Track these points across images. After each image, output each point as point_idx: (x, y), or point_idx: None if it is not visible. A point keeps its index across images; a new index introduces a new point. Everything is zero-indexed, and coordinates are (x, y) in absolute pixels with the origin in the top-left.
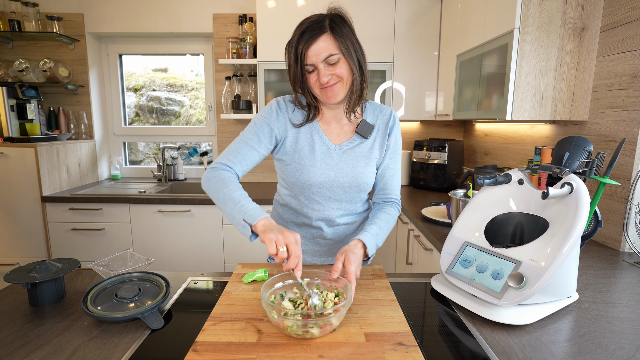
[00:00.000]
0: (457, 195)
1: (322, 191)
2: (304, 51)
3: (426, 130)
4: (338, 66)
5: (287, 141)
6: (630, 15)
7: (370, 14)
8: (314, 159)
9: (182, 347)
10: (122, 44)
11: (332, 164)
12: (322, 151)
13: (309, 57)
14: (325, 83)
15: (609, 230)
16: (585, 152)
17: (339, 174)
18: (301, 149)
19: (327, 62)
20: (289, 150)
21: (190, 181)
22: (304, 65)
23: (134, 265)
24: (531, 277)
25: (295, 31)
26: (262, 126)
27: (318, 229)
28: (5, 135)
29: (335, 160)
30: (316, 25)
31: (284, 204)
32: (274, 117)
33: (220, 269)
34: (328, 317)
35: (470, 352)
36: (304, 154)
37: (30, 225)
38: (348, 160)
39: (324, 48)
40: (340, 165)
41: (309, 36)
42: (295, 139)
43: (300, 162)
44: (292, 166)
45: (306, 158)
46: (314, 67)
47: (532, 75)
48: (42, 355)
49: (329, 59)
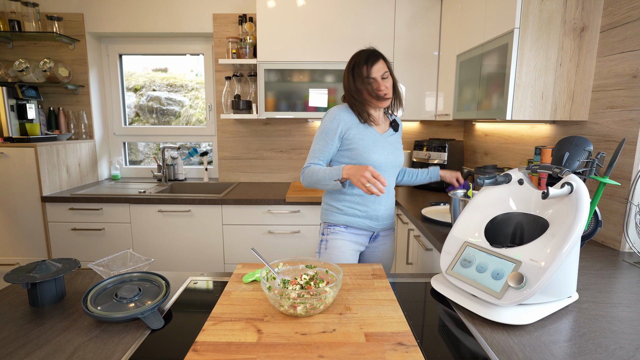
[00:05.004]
0: (457, 195)
1: (381, 166)
2: (370, 69)
3: (426, 130)
4: (388, 81)
5: (350, 136)
6: (630, 15)
7: (370, 14)
8: (374, 143)
9: (182, 347)
10: (122, 44)
11: (383, 146)
12: (377, 138)
13: (373, 73)
14: (383, 90)
15: (609, 230)
16: (585, 152)
17: (389, 154)
18: (363, 138)
19: (382, 77)
20: (353, 140)
21: (190, 181)
22: (368, 78)
23: (134, 265)
24: (531, 277)
25: (360, 56)
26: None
27: (379, 197)
28: (5, 135)
29: (384, 144)
30: (374, 53)
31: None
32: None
33: (220, 269)
34: (309, 294)
35: (470, 352)
36: (366, 141)
37: (30, 225)
38: (391, 145)
39: (382, 68)
40: (387, 147)
41: (373, 60)
42: (357, 131)
43: (366, 146)
44: (360, 150)
45: (369, 143)
46: (375, 80)
47: (532, 75)
48: (42, 355)
49: (384, 74)
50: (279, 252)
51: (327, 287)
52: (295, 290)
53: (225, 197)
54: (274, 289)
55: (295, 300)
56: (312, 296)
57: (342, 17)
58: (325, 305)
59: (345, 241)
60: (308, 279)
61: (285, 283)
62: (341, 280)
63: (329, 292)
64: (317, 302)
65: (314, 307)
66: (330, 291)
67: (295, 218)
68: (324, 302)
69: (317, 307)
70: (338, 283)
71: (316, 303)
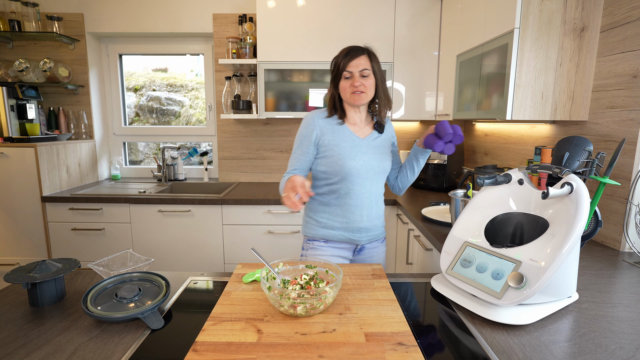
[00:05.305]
0: (457, 195)
1: (360, 173)
2: (347, 62)
3: (426, 130)
4: (367, 79)
5: (325, 142)
6: (630, 15)
7: (370, 14)
8: (350, 149)
9: (182, 347)
10: (122, 44)
11: (362, 151)
12: (355, 142)
13: (350, 67)
14: (357, 87)
15: (609, 230)
16: (585, 152)
17: (370, 160)
18: (338, 143)
19: (361, 74)
20: (328, 147)
21: (190, 181)
22: (343, 72)
23: (134, 265)
24: (531, 277)
25: (343, 50)
26: (307, 140)
27: (359, 207)
28: (5, 135)
29: (364, 149)
30: (359, 48)
31: (324, 193)
32: (315, 133)
33: (220, 269)
34: (308, 294)
35: (470, 352)
36: (342, 147)
37: (30, 225)
38: (374, 149)
39: (362, 64)
40: (369, 153)
41: (353, 54)
42: (332, 137)
43: (341, 153)
44: (335, 157)
45: (345, 149)
46: (350, 75)
47: (532, 75)
48: (42, 355)
49: (363, 71)
50: (279, 252)
51: (327, 287)
52: (295, 290)
53: (225, 197)
54: (274, 289)
55: (295, 300)
56: (312, 296)
57: (342, 17)
58: (325, 305)
59: (326, 256)
60: (308, 279)
61: (285, 283)
62: (341, 280)
63: (329, 292)
64: (317, 302)
65: (314, 307)
66: (330, 291)
67: (295, 218)
68: (324, 302)
69: (317, 307)
70: (338, 283)
71: (316, 303)
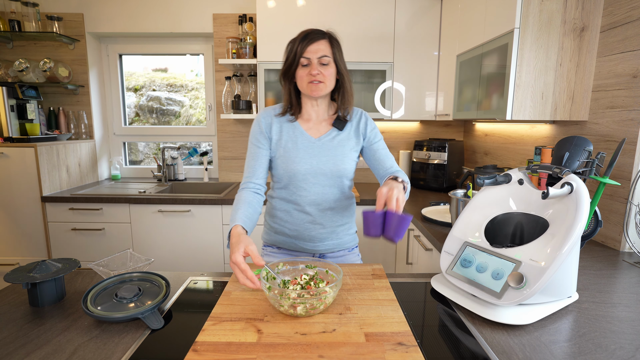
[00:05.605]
0: (457, 195)
1: (307, 178)
2: (305, 47)
3: (426, 130)
4: (327, 68)
5: (272, 140)
6: (630, 15)
7: (370, 14)
8: (297, 150)
9: (182, 347)
10: (122, 44)
11: (313, 153)
12: (304, 144)
13: (308, 52)
14: (314, 76)
15: (609, 230)
16: (585, 152)
17: (320, 162)
18: (285, 144)
19: (320, 62)
20: (274, 147)
21: (190, 181)
22: (301, 58)
23: (134, 265)
24: (531, 277)
25: (301, 33)
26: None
27: (308, 214)
28: (5, 135)
29: (316, 150)
30: (319, 32)
31: (276, 196)
32: (262, 126)
33: (220, 269)
34: (308, 294)
35: (470, 352)
36: (288, 148)
37: (30, 225)
38: (328, 150)
39: (323, 50)
40: (321, 154)
41: (312, 37)
42: (279, 137)
43: (286, 155)
44: (280, 159)
45: (291, 151)
46: (308, 62)
47: (532, 75)
48: (42, 355)
49: (323, 58)
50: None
51: (327, 287)
52: (295, 290)
53: (225, 197)
54: (274, 289)
55: (295, 300)
56: (312, 296)
57: (342, 17)
58: (325, 305)
59: None
60: (308, 279)
61: (285, 283)
62: (341, 280)
63: (329, 292)
64: (317, 302)
65: (314, 307)
66: (330, 291)
67: None
68: (324, 302)
69: (317, 307)
70: (338, 283)
71: (316, 303)
